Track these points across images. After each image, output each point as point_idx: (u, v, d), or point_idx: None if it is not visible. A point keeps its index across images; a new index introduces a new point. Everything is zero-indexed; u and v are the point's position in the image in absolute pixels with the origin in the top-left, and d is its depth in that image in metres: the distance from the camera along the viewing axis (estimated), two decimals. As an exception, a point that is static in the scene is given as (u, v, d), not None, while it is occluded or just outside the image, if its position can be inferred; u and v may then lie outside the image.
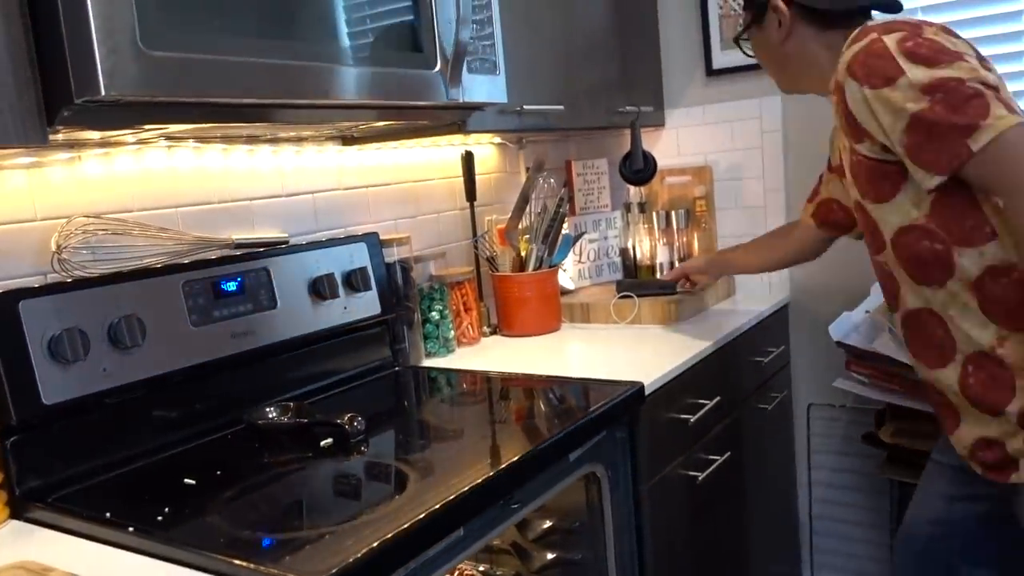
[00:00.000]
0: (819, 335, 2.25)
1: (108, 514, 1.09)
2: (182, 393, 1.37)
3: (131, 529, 1.03)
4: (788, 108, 2.28)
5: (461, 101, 1.47)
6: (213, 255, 1.49)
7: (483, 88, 1.52)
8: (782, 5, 1.41)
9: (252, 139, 1.58)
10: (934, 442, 1.51)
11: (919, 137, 1.15)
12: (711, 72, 2.37)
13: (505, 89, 1.57)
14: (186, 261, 1.42)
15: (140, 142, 1.38)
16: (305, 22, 1.19)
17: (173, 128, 1.23)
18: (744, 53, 1.56)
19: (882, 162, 1.25)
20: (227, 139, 1.52)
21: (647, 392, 1.50)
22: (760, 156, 2.30)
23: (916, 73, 1.15)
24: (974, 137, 1.10)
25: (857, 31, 1.27)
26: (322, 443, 1.30)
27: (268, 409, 1.42)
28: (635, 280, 2.13)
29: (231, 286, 1.44)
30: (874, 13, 1.43)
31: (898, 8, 1.43)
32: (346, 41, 1.26)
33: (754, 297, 2.27)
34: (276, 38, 1.14)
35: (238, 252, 1.52)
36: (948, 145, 1.12)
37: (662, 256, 2.37)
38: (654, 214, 2.37)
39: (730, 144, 2.34)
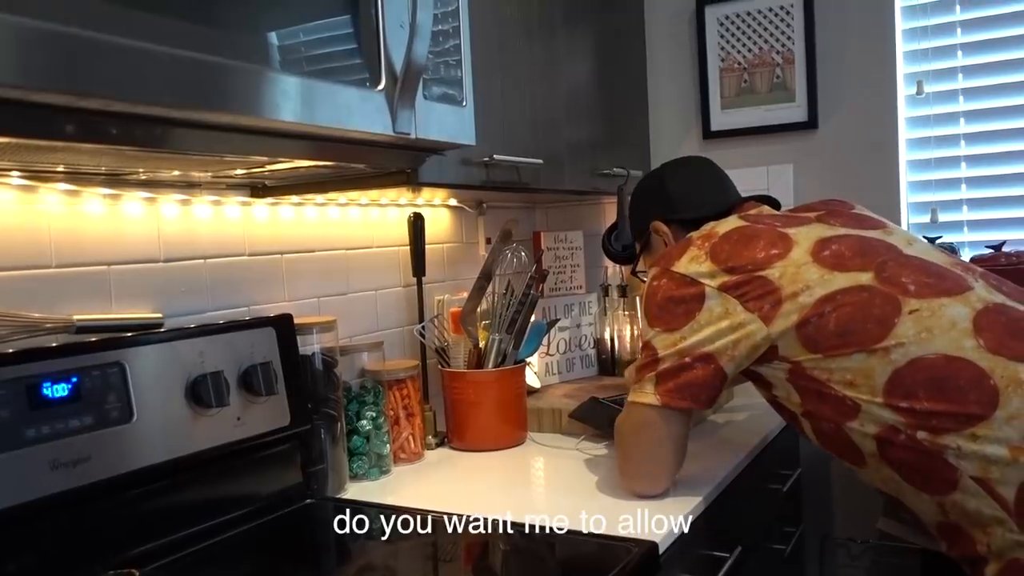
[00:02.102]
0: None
1: None
2: (-41, 559, 0.88)
3: None
4: (802, 178, 1.94)
5: (413, 137, 1.05)
6: (53, 342, 1.02)
7: (443, 122, 1.11)
8: (662, 226, 1.44)
9: (115, 179, 1.13)
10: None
11: None
12: (709, 135, 2.03)
13: (473, 126, 1.16)
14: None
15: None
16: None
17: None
18: (643, 281, 1.55)
19: None
20: (74, 175, 1.07)
21: (661, 552, 1.06)
22: (767, 235, 1.92)
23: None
24: None
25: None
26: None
27: (99, 583, 0.94)
28: (595, 400, 1.62)
29: (59, 390, 0.97)
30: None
31: (774, 204, 1.43)
32: (249, 34, 0.84)
33: (758, 403, 1.84)
34: (153, 11, 0.72)
35: (80, 339, 1.05)
36: None
37: (645, 350, 1.96)
38: (637, 299, 1.97)
39: (731, 219, 1.96)
